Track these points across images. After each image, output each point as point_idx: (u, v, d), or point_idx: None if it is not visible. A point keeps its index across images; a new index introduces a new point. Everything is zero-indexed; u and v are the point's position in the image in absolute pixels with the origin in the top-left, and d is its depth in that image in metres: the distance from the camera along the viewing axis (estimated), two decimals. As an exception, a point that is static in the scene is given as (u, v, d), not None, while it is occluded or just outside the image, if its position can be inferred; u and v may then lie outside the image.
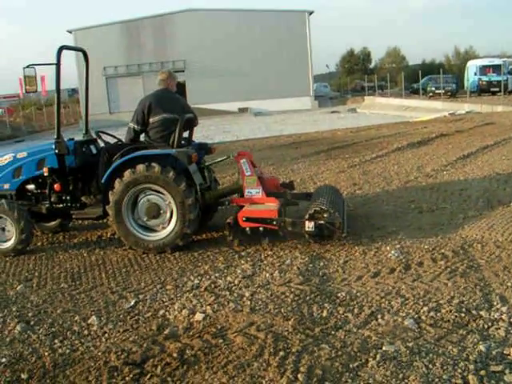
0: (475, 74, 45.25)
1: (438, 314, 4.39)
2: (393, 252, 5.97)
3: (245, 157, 7.03)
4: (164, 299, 5.21)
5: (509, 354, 3.75)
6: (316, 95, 56.05)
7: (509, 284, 4.95)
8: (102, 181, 6.80)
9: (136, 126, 7.05)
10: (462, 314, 4.38)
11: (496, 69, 42.32)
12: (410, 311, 4.49)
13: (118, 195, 6.62)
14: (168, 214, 6.69)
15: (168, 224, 6.71)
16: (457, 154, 12.82)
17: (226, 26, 49.70)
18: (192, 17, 50.48)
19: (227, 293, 5.22)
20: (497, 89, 37.27)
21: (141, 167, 6.52)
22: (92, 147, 7.70)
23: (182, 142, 7.14)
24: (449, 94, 43.76)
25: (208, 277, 5.71)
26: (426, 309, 4.49)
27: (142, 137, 7.21)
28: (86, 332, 4.62)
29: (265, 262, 6.08)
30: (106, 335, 4.52)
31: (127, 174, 6.56)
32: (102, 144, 7.62)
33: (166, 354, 4.07)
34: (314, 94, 54.07)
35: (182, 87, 48.88)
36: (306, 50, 52.14)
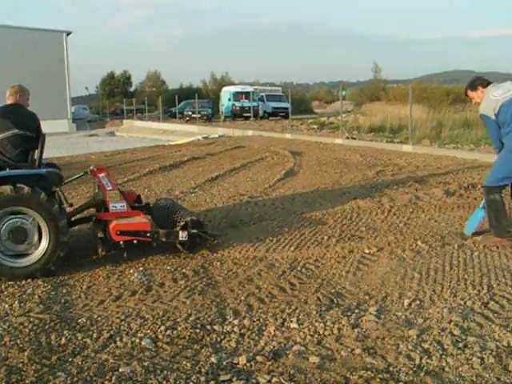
0: (229, 99, 47.43)
1: (175, 332, 4.57)
2: (136, 275, 6.08)
3: (103, 171, 7.03)
4: None
5: (238, 363, 4.03)
6: (74, 118, 54.77)
7: (242, 298, 5.31)
8: None
9: None
10: (197, 330, 4.60)
11: (248, 95, 44.72)
12: (148, 331, 4.60)
13: None
14: (36, 238, 6.19)
15: (36, 248, 6.21)
16: (206, 176, 13.35)
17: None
18: None
19: (-41, 328, 4.89)
20: (249, 114, 39.29)
21: (7, 188, 5.97)
22: None
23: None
24: (205, 118, 45.27)
25: None
26: (163, 328, 4.64)
27: None
28: None
29: (5, 292, 5.80)
30: None
31: None
32: None
33: None
34: (72, 117, 52.78)
35: None
36: (63, 71, 50.81)
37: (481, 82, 7.11)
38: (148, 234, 6.58)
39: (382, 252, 6.66)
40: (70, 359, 4.18)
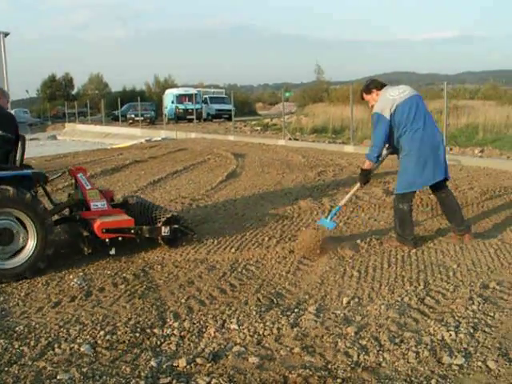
0: (172, 102, 47.17)
1: (114, 337, 4.53)
2: (75, 280, 6.00)
3: (81, 171, 7.33)
4: None
5: (177, 366, 4.03)
6: (15, 122, 53.47)
7: (182, 301, 5.32)
8: None
9: None
10: (137, 334, 4.58)
11: (191, 98, 44.53)
12: (88, 337, 4.56)
13: None
14: (21, 239, 6.19)
15: (22, 249, 6.25)
16: (148, 179, 13.25)
17: None
18: None
19: None
20: (192, 116, 39.20)
21: None
22: None
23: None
24: (148, 121, 44.90)
25: None
26: (102, 333, 4.60)
27: None
28: None
29: None
30: None
31: None
32: None
33: None
34: (11, 121, 51.51)
35: None
36: (1, 74, 49.48)
37: (375, 84, 7.10)
38: (132, 231, 6.80)
39: (321, 251, 6.74)
40: (6, 368, 4.10)
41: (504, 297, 5.28)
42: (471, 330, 4.51)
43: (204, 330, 4.67)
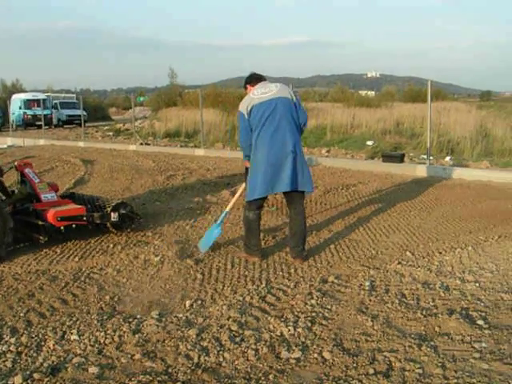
0: (20, 107, 45.39)
1: None
2: None
3: (28, 166, 7.74)
4: None
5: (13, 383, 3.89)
6: None
7: (21, 315, 5.12)
8: None
9: None
10: (-30, 354, 4.37)
11: (41, 103, 43.03)
12: None
13: None
14: None
15: None
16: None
17: None
18: None
19: None
20: (42, 122, 37.90)
21: None
22: None
23: None
24: (-6, 127, 42.96)
25: None
26: None
27: None
28: None
29: None
30: None
31: None
32: None
33: None
34: None
35: None
36: None
37: (250, 79, 6.71)
38: (84, 218, 7.38)
39: (166, 256, 6.76)
40: None
41: (341, 289, 5.58)
42: (309, 324, 4.72)
43: (43, 343, 4.54)
